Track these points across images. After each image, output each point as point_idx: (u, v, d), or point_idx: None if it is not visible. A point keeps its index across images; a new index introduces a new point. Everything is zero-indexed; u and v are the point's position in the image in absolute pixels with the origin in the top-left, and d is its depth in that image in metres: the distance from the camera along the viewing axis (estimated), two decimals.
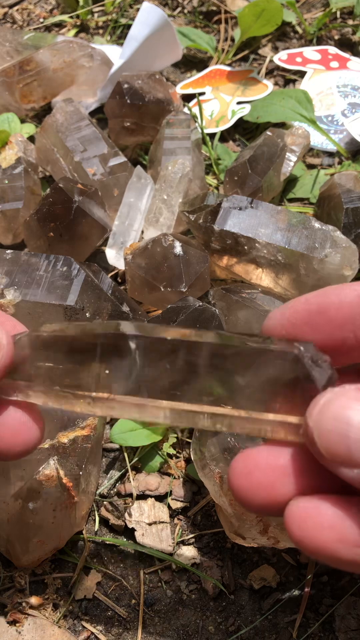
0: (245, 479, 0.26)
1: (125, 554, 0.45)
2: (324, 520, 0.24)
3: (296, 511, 0.24)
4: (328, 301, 0.28)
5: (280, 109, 0.66)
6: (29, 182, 0.60)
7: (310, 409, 0.24)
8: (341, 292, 0.28)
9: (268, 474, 0.26)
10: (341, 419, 0.23)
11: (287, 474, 0.26)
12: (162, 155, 0.61)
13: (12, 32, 0.71)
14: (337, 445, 0.23)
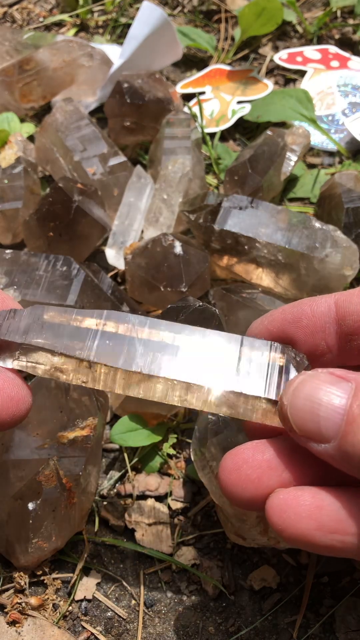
0: (234, 474, 0.28)
1: (125, 554, 0.44)
2: (302, 510, 0.26)
3: (277, 502, 0.26)
4: (301, 311, 0.31)
5: (281, 109, 0.65)
6: (29, 181, 0.59)
7: (285, 389, 0.27)
8: (314, 303, 0.31)
9: (255, 468, 0.28)
10: (313, 399, 0.26)
11: (272, 468, 0.28)
12: (162, 154, 0.61)
13: (12, 32, 0.71)
14: (308, 423, 0.26)
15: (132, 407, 0.47)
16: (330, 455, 0.25)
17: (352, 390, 0.25)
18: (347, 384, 0.25)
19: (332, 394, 0.25)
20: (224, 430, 0.40)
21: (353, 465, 0.25)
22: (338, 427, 0.25)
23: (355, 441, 0.24)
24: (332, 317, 0.30)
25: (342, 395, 0.25)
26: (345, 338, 0.30)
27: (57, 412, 0.44)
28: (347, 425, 0.24)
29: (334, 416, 0.25)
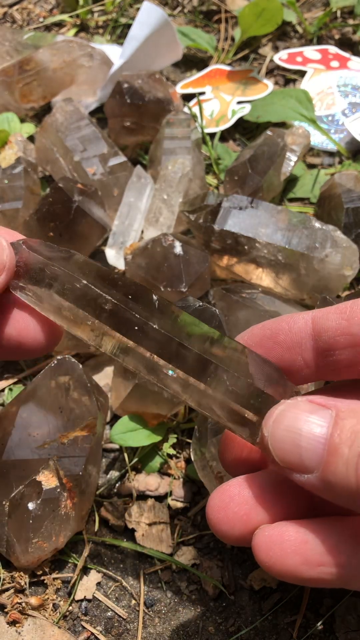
0: (222, 512, 0.28)
1: (125, 554, 0.44)
2: (288, 547, 0.26)
3: (262, 539, 0.27)
4: (279, 327, 0.31)
5: (281, 109, 0.65)
6: (29, 181, 0.60)
7: (265, 420, 0.27)
8: (292, 320, 0.31)
9: (242, 505, 0.28)
10: (293, 429, 0.25)
11: (260, 504, 0.28)
12: (162, 154, 0.61)
13: (12, 32, 0.71)
14: (290, 454, 0.25)
15: (133, 407, 0.47)
16: (314, 485, 0.25)
17: (332, 418, 0.25)
18: (327, 412, 0.25)
19: (312, 423, 0.25)
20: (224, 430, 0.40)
21: (337, 494, 0.24)
22: (320, 458, 0.24)
23: (337, 471, 0.24)
24: (309, 332, 0.30)
25: (322, 424, 0.25)
26: (322, 354, 0.30)
27: (57, 412, 0.44)
28: (328, 455, 0.24)
29: (315, 446, 0.25)
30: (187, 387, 0.28)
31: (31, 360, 0.54)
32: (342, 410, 0.25)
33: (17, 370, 0.54)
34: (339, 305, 0.30)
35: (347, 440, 0.24)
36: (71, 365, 0.45)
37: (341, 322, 0.29)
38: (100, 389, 0.46)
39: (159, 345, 0.28)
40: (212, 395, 0.28)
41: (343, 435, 0.24)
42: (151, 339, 0.28)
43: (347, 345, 0.29)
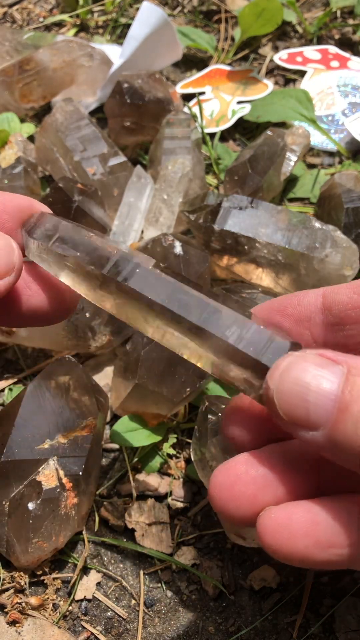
0: (227, 491, 0.27)
1: (125, 554, 0.44)
2: (298, 529, 0.25)
3: (269, 522, 0.26)
4: (287, 301, 0.30)
5: (281, 109, 0.65)
6: (29, 181, 0.59)
7: (272, 371, 0.25)
8: (302, 294, 0.30)
9: (249, 485, 0.26)
10: (301, 383, 0.24)
11: (267, 484, 0.27)
12: (162, 154, 0.61)
13: (12, 32, 0.71)
14: (296, 409, 0.24)
15: (133, 407, 0.47)
16: (319, 443, 0.24)
17: (343, 374, 0.24)
18: (337, 367, 0.24)
19: (322, 378, 0.24)
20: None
21: (343, 455, 0.24)
22: (328, 414, 0.23)
23: (346, 430, 0.23)
24: (319, 306, 0.30)
25: (332, 379, 0.24)
26: (331, 328, 0.29)
27: (57, 412, 0.44)
28: (338, 412, 0.23)
29: (324, 402, 0.24)
30: (191, 334, 0.27)
31: (31, 360, 0.54)
32: (354, 367, 0.24)
33: (17, 370, 0.54)
34: (352, 282, 0.30)
35: (359, 398, 0.23)
36: (71, 365, 0.45)
37: (353, 297, 0.29)
38: (100, 389, 0.46)
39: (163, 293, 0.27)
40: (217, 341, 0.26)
41: (354, 392, 0.23)
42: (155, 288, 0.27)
43: (358, 319, 0.29)
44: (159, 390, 0.45)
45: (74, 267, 0.29)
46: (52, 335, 0.51)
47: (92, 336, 0.50)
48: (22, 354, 0.54)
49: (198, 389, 0.46)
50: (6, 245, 0.29)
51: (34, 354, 0.54)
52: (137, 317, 0.28)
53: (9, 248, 0.29)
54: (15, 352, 0.54)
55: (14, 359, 0.54)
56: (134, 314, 0.28)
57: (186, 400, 0.47)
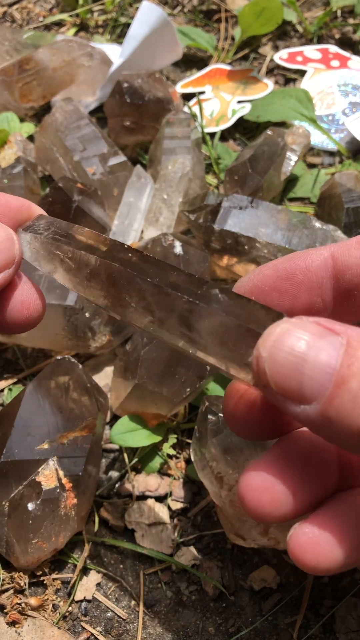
0: (266, 494, 0.25)
1: (125, 554, 0.44)
2: (332, 546, 0.24)
3: (304, 540, 0.25)
4: (295, 266, 0.28)
5: (281, 108, 0.65)
6: (29, 181, 0.59)
7: (264, 337, 0.23)
8: (308, 257, 0.28)
9: (287, 487, 0.25)
10: (297, 354, 0.22)
11: (302, 484, 0.26)
12: (162, 154, 0.60)
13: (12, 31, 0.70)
14: (289, 380, 0.22)
15: (132, 407, 0.47)
16: (309, 418, 0.22)
17: (342, 346, 0.22)
18: (336, 338, 0.22)
19: (320, 349, 0.22)
20: (224, 430, 0.40)
21: (334, 432, 0.22)
22: (323, 388, 0.22)
23: (342, 407, 0.21)
24: (330, 271, 0.27)
25: (331, 351, 0.22)
26: (343, 294, 0.27)
27: (57, 412, 0.43)
28: (334, 387, 0.21)
29: (320, 375, 0.22)
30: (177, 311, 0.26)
31: (31, 360, 0.54)
32: (355, 339, 0.22)
33: (17, 370, 0.54)
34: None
35: (358, 373, 0.21)
36: (71, 365, 0.45)
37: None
38: (100, 389, 0.46)
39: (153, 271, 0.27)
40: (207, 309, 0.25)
41: (354, 367, 0.21)
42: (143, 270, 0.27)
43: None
44: (159, 390, 0.45)
45: (66, 258, 0.29)
46: (51, 335, 0.51)
47: (91, 336, 0.50)
48: (22, 354, 0.54)
49: (198, 389, 0.46)
50: (7, 238, 0.29)
51: (34, 354, 0.54)
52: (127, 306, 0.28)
53: (10, 240, 0.29)
54: (14, 352, 0.54)
55: (14, 359, 0.54)
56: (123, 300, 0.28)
57: (186, 400, 0.47)
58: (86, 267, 0.28)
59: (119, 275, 0.27)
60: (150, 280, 0.26)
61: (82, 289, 0.29)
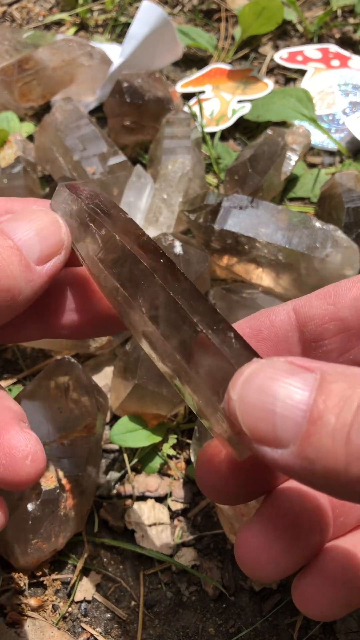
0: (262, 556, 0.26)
1: (125, 555, 0.44)
2: (334, 597, 0.26)
3: (305, 591, 0.26)
4: (260, 323, 0.28)
5: (281, 108, 0.65)
6: (28, 181, 0.59)
7: (234, 380, 0.22)
8: (272, 313, 0.28)
9: (282, 546, 0.26)
10: (267, 392, 0.21)
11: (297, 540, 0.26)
12: (162, 154, 0.60)
13: (11, 31, 0.70)
14: (262, 422, 0.21)
15: (132, 408, 0.47)
16: (288, 463, 0.20)
17: (316, 381, 0.20)
18: (310, 375, 0.21)
19: (292, 387, 0.20)
20: None
21: (316, 475, 0.20)
22: (298, 428, 0.20)
23: (320, 444, 0.19)
24: (293, 324, 0.28)
25: (304, 388, 0.20)
26: (309, 345, 0.27)
27: (57, 413, 0.43)
28: (309, 424, 0.20)
29: (293, 413, 0.20)
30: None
31: (30, 361, 0.54)
32: (329, 373, 0.21)
33: (16, 370, 0.53)
34: (320, 291, 0.28)
35: (335, 406, 0.19)
36: (71, 365, 0.45)
37: (327, 308, 0.27)
38: (100, 390, 0.46)
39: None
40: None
41: (329, 401, 0.20)
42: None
43: (336, 332, 0.27)
44: (159, 390, 0.45)
45: (97, 234, 0.27)
46: None
47: None
48: (22, 354, 0.54)
49: None
50: (53, 222, 0.27)
51: (34, 354, 0.54)
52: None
53: (56, 224, 0.27)
54: (14, 352, 0.54)
55: (14, 359, 0.54)
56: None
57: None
58: (113, 252, 0.27)
59: (142, 275, 0.26)
60: (172, 294, 0.25)
61: (99, 270, 0.28)
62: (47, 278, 0.27)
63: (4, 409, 0.28)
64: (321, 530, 0.28)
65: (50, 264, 0.27)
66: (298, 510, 0.27)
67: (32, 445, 0.26)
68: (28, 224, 0.26)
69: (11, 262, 0.25)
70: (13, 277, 0.25)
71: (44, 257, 0.26)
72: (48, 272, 0.27)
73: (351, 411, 0.19)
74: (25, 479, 0.26)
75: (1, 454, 0.26)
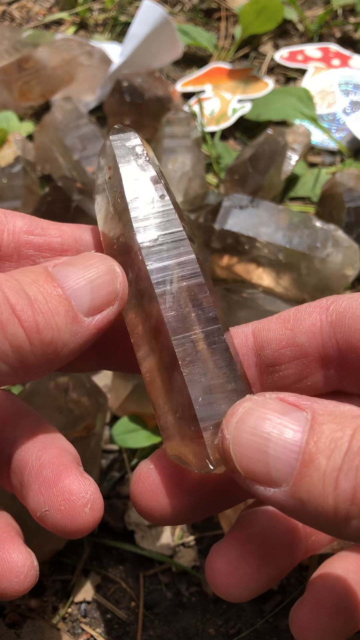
0: (232, 577, 0.26)
1: (125, 556, 0.44)
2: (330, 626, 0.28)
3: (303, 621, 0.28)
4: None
5: (281, 107, 0.65)
6: (28, 181, 0.59)
7: (227, 418, 0.22)
8: (229, 335, 0.28)
9: (250, 567, 0.26)
10: (260, 434, 0.21)
11: (266, 561, 0.27)
12: (162, 153, 0.60)
13: (11, 30, 0.70)
14: (255, 463, 0.21)
15: (132, 408, 0.47)
16: (281, 502, 0.21)
17: (307, 421, 0.21)
18: (301, 414, 0.21)
19: (284, 427, 0.21)
20: None
21: (308, 515, 0.21)
22: (291, 469, 0.21)
23: (311, 487, 0.20)
24: (251, 348, 0.27)
25: (296, 428, 0.21)
26: (266, 370, 0.27)
27: (56, 413, 0.43)
28: (302, 466, 0.20)
29: (286, 454, 0.21)
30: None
31: None
32: (320, 413, 0.21)
33: None
34: (281, 314, 0.28)
35: (326, 449, 0.20)
36: None
37: (285, 332, 0.27)
38: (100, 390, 0.46)
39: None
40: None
41: (320, 443, 0.20)
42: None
43: (293, 357, 0.27)
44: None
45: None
46: None
47: None
48: None
49: None
50: (109, 270, 0.25)
51: None
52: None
53: (112, 273, 0.25)
54: None
55: None
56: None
57: None
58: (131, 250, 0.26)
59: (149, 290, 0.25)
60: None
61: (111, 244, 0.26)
62: (96, 331, 0.25)
63: (63, 450, 0.27)
64: (292, 550, 0.28)
65: (101, 315, 0.25)
66: (268, 531, 0.27)
67: (92, 493, 0.26)
68: (81, 271, 0.24)
69: (57, 313, 0.23)
70: (58, 329, 0.23)
71: (94, 308, 0.24)
72: (97, 325, 0.24)
73: (341, 455, 0.20)
74: (82, 528, 0.25)
75: (60, 500, 0.25)
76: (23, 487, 0.27)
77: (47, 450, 0.27)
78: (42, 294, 0.23)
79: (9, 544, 0.27)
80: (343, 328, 0.26)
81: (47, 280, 0.24)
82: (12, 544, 0.27)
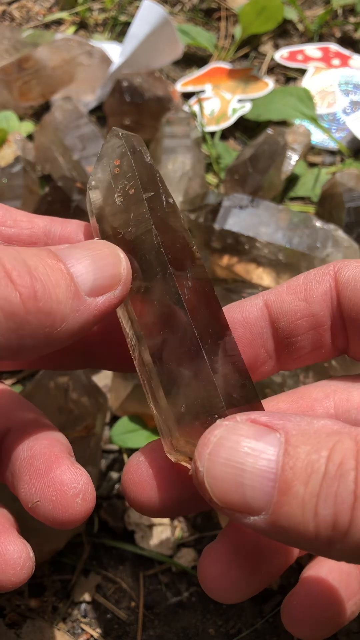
0: (223, 580, 0.27)
1: (125, 556, 0.44)
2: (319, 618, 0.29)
3: (293, 614, 0.30)
4: (233, 319, 0.27)
5: (281, 107, 0.65)
6: (28, 180, 0.59)
7: (199, 449, 0.21)
8: (244, 309, 0.27)
9: (241, 570, 0.27)
10: (234, 464, 0.20)
11: (257, 564, 0.27)
12: (162, 153, 0.60)
13: (11, 30, 0.70)
14: (231, 494, 0.21)
15: (132, 408, 0.47)
16: (261, 529, 0.21)
17: (281, 444, 0.20)
18: (274, 436, 0.20)
19: (258, 453, 0.20)
20: None
21: (290, 540, 0.20)
22: (269, 497, 0.20)
23: (291, 514, 0.20)
24: (267, 320, 0.27)
25: (270, 452, 0.20)
26: (282, 342, 0.27)
27: (56, 413, 0.43)
28: (280, 494, 0.20)
29: (262, 483, 0.20)
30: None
31: None
32: (293, 434, 0.20)
33: (16, 371, 0.53)
34: (290, 283, 0.27)
35: (302, 474, 0.20)
36: None
37: (299, 303, 0.26)
38: (100, 390, 0.46)
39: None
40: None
41: (297, 468, 0.20)
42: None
43: (309, 328, 0.26)
44: None
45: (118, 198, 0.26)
46: None
47: None
48: None
49: None
50: (112, 254, 0.24)
51: None
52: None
53: (115, 257, 0.24)
54: None
55: None
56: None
57: None
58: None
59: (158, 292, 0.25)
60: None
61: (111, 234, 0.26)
62: (97, 313, 0.23)
63: (54, 441, 0.27)
64: (286, 550, 0.28)
65: (103, 297, 0.23)
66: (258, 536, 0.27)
67: (83, 483, 0.25)
68: (85, 252, 0.24)
69: (58, 285, 0.22)
70: (57, 300, 0.22)
71: (96, 288, 0.23)
72: (99, 307, 0.23)
73: (318, 480, 0.19)
74: (74, 519, 0.25)
75: (51, 490, 0.25)
76: (14, 478, 0.27)
77: (39, 441, 0.27)
78: (43, 265, 0.22)
79: (4, 536, 0.27)
80: (352, 293, 0.26)
81: (50, 255, 0.23)
82: (7, 536, 0.27)
